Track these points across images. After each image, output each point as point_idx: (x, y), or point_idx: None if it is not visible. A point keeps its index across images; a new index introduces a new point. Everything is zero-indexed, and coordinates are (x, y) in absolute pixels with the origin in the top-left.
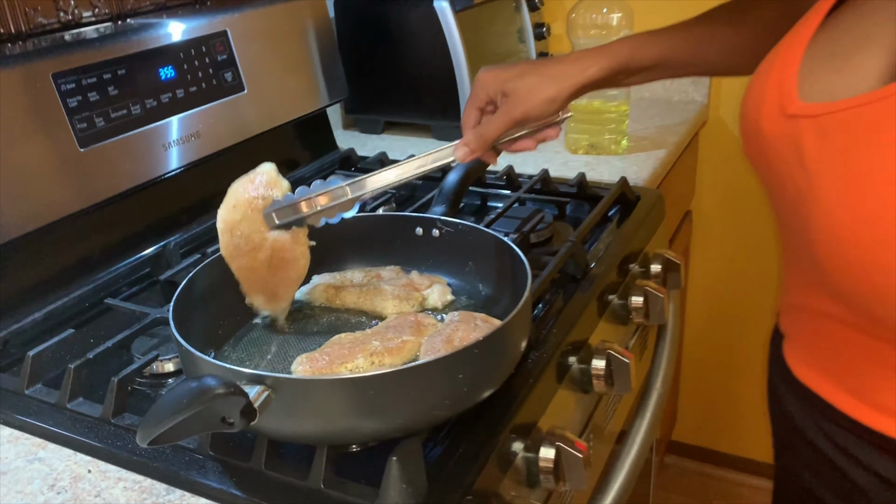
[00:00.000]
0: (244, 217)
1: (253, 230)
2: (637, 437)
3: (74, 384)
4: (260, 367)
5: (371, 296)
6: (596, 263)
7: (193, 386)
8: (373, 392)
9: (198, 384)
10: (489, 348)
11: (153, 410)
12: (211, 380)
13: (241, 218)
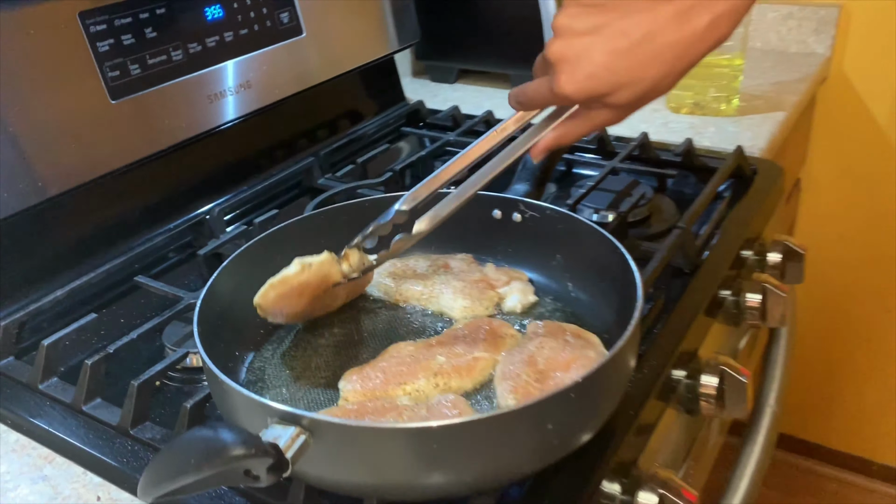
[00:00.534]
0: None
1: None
2: (746, 471)
3: (91, 383)
4: (302, 380)
5: (437, 293)
6: (708, 254)
7: (204, 442)
8: (436, 445)
9: (210, 440)
10: (589, 389)
11: (156, 464)
12: (227, 434)
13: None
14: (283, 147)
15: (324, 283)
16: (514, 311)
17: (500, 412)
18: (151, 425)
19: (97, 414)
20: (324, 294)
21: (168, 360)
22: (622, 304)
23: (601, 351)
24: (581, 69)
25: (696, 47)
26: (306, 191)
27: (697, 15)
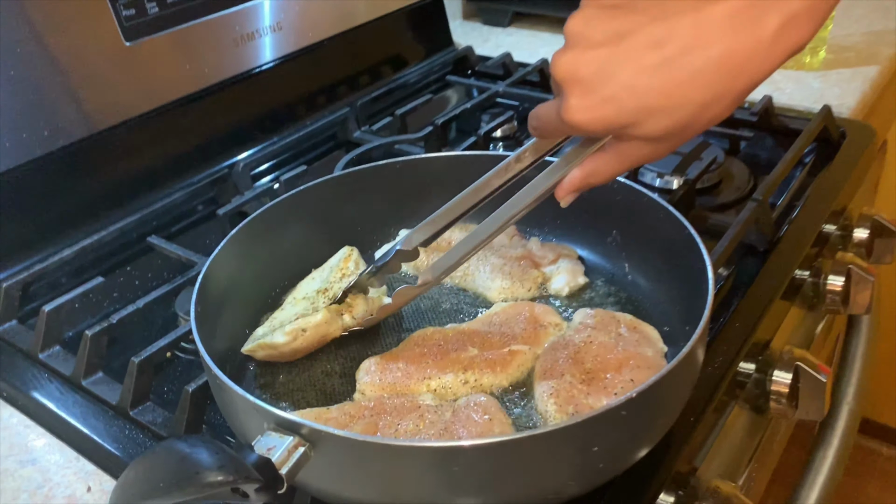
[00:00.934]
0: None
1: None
2: (818, 478)
3: (92, 356)
4: (317, 365)
5: (472, 271)
6: (786, 229)
7: (178, 462)
8: (458, 469)
9: (184, 460)
10: (645, 405)
11: (125, 481)
12: (205, 455)
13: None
14: (318, 96)
15: (321, 341)
16: (560, 294)
17: (533, 433)
18: (153, 406)
19: (97, 390)
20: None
21: (175, 334)
22: (688, 293)
23: (660, 348)
24: (597, 92)
25: (759, 60)
26: (341, 144)
27: (762, 16)
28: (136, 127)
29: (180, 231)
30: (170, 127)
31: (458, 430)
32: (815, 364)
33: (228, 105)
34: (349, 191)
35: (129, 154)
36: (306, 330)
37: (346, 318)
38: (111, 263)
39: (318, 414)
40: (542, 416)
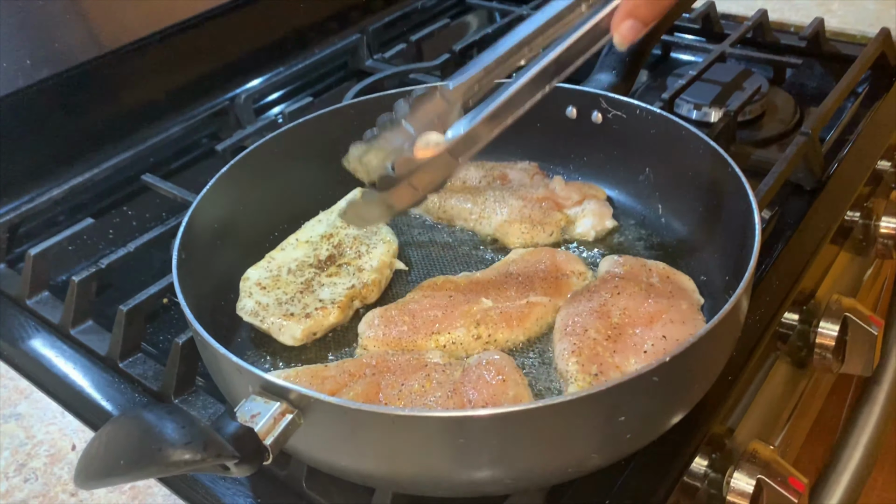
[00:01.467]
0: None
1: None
2: (862, 438)
3: (80, 303)
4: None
5: (488, 213)
6: (836, 167)
7: (140, 437)
8: (465, 440)
9: (148, 435)
10: (680, 369)
11: (88, 454)
12: (172, 428)
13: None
14: (330, 21)
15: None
16: (585, 238)
17: (550, 402)
18: (144, 358)
19: (85, 340)
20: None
21: (167, 280)
22: (728, 238)
23: (696, 300)
24: None
25: None
26: (351, 74)
27: None
28: (137, 52)
29: (180, 168)
30: (172, 53)
31: (468, 392)
32: (866, 315)
33: (236, 30)
34: (358, 123)
35: (128, 83)
36: (317, 333)
37: (356, 303)
38: (106, 203)
39: (314, 372)
40: (563, 377)
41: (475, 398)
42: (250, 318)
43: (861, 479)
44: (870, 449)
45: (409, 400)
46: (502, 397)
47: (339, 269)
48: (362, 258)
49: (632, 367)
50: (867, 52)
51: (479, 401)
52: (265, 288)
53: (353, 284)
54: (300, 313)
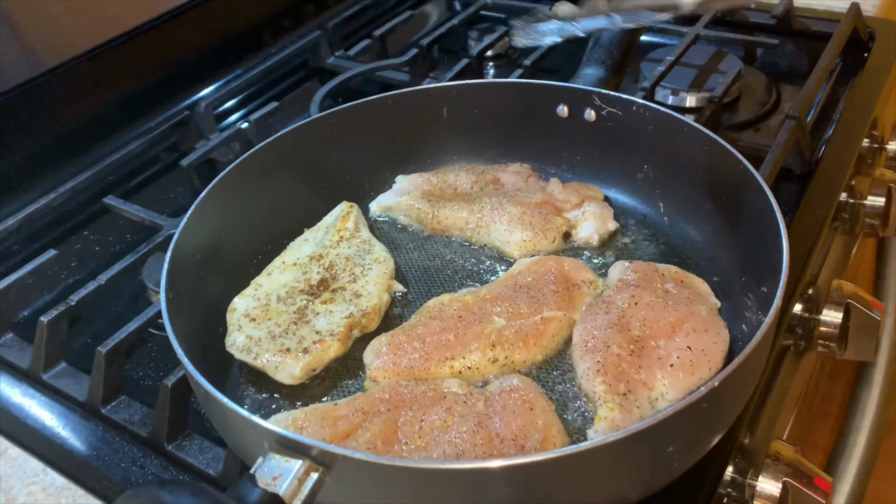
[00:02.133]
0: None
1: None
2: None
3: (50, 345)
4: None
5: (486, 222)
6: (824, 150)
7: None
8: (509, 489)
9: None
10: (726, 391)
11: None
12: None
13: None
14: (283, 18)
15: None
16: (589, 243)
17: (600, 442)
18: (128, 400)
19: (60, 385)
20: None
21: (146, 315)
22: (741, 235)
23: (712, 304)
24: None
25: None
26: (313, 73)
27: None
28: (82, 66)
29: (141, 185)
30: (120, 64)
31: (495, 424)
32: (868, 301)
33: (186, 34)
34: (336, 133)
35: (76, 99)
36: (317, 369)
37: (355, 333)
38: (65, 229)
39: (324, 413)
40: (589, 397)
41: (503, 432)
42: (242, 356)
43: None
44: (874, 431)
45: (431, 437)
46: (532, 428)
47: (334, 296)
48: (358, 282)
49: (659, 383)
50: (841, 29)
51: (507, 434)
52: (255, 319)
53: (351, 312)
54: (297, 348)
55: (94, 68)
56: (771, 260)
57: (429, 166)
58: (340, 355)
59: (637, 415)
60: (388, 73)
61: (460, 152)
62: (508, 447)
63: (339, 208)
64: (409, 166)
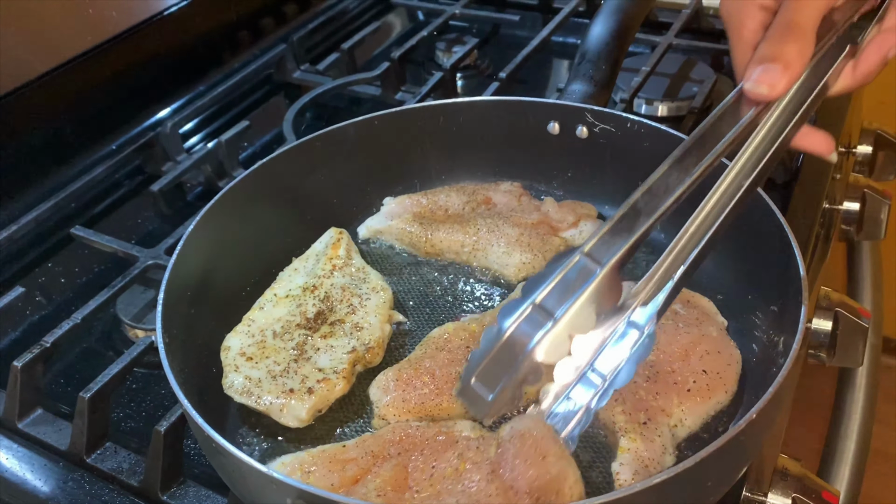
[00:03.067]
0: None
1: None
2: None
3: (25, 391)
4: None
5: (483, 244)
6: (803, 158)
7: None
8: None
9: None
10: (761, 421)
11: None
12: None
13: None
14: (244, 30)
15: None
16: None
17: (639, 488)
18: (115, 448)
19: (38, 433)
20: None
21: (128, 356)
22: (744, 253)
23: (720, 323)
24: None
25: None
26: (279, 87)
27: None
28: (36, 91)
29: (106, 212)
30: (77, 87)
31: (507, 474)
32: (856, 308)
33: (146, 51)
34: (320, 157)
35: (32, 126)
36: (322, 410)
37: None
38: (28, 261)
39: (332, 456)
40: (607, 428)
41: (518, 484)
42: (242, 399)
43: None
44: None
45: (443, 486)
46: (546, 477)
47: (334, 329)
48: (357, 313)
49: (677, 409)
50: None
51: (522, 485)
52: (252, 358)
53: (353, 347)
54: (301, 388)
55: (48, 94)
56: (778, 277)
57: (417, 187)
58: (346, 393)
59: (659, 444)
60: (362, 87)
61: (449, 172)
62: (523, 500)
63: (327, 235)
64: (397, 188)
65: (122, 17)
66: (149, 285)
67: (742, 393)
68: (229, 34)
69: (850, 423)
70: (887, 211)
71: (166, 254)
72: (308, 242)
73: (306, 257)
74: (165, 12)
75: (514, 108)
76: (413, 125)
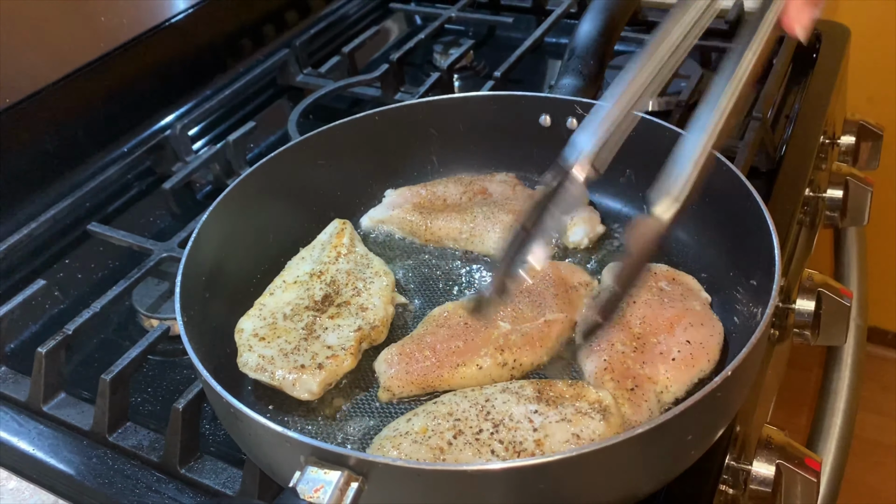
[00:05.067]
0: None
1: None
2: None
3: (50, 376)
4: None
5: (479, 231)
6: (786, 148)
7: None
8: (543, 486)
9: None
10: (736, 380)
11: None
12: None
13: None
14: (248, 37)
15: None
16: (580, 246)
17: (625, 437)
18: (135, 427)
19: (62, 415)
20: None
21: (146, 341)
22: (725, 233)
23: (704, 299)
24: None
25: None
26: (283, 91)
27: None
28: (51, 96)
29: (120, 210)
30: (89, 92)
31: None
32: (837, 288)
33: (154, 58)
34: (324, 152)
35: (48, 129)
36: (332, 383)
37: (364, 345)
38: (46, 257)
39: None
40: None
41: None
42: (257, 374)
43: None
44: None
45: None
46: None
47: (340, 310)
48: (362, 295)
49: (663, 377)
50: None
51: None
52: (264, 339)
53: (359, 326)
54: (311, 364)
55: (63, 99)
56: (757, 254)
57: (416, 179)
58: (353, 368)
59: (646, 408)
60: (362, 89)
61: (446, 164)
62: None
63: (332, 226)
64: (397, 180)
65: (132, 25)
66: (163, 277)
67: (725, 362)
68: (234, 40)
69: (836, 402)
70: (869, 198)
71: (179, 247)
72: (314, 233)
73: (312, 246)
74: (173, 20)
75: (506, 102)
76: (412, 121)
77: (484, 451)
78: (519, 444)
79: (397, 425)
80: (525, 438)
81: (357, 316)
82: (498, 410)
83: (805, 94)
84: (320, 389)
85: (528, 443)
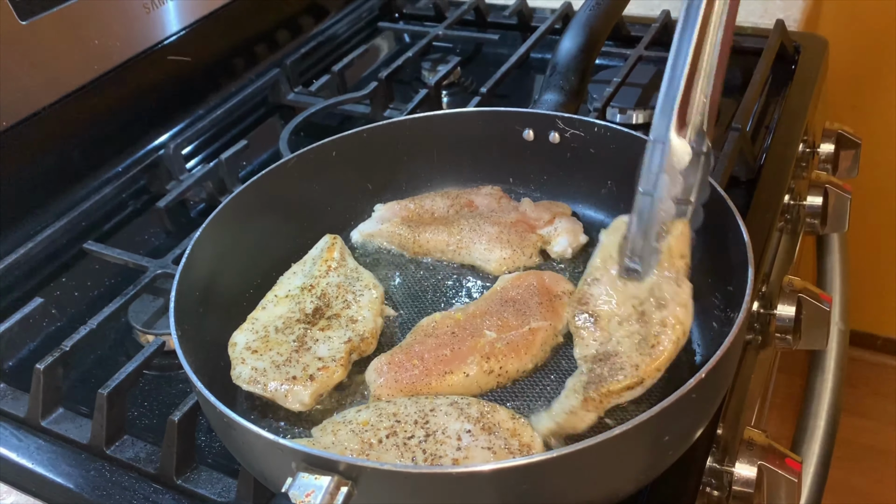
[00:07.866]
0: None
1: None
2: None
3: (48, 392)
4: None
5: (466, 242)
6: (765, 157)
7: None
8: (527, 486)
9: None
10: (713, 380)
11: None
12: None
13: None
14: (240, 57)
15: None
16: (563, 256)
17: (607, 437)
18: (132, 440)
19: (60, 430)
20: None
21: (142, 356)
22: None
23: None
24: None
25: None
26: (274, 109)
27: None
28: (46, 119)
29: (115, 229)
30: (86, 112)
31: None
32: (817, 294)
33: (147, 79)
34: (315, 169)
35: (43, 151)
36: (323, 394)
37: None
38: (43, 276)
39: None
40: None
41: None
42: (249, 387)
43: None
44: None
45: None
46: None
47: (331, 322)
48: (351, 307)
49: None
50: (771, 44)
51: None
52: (257, 351)
53: (349, 337)
54: (302, 375)
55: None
56: (733, 261)
57: (404, 194)
58: (343, 379)
59: None
60: (352, 106)
61: (434, 179)
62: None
63: (323, 241)
64: (386, 195)
65: (125, 48)
66: (158, 294)
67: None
68: (225, 61)
69: (819, 404)
70: (849, 205)
71: (174, 263)
72: (305, 248)
73: (304, 261)
74: (165, 41)
75: (491, 117)
76: (400, 137)
77: (406, 455)
78: (438, 457)
79: (347, 413)
80: (445, 454)
81: (347, 328)
82: (437, 421)
83: (784, 104)
84: (312, 400)
85: (447, 459)
